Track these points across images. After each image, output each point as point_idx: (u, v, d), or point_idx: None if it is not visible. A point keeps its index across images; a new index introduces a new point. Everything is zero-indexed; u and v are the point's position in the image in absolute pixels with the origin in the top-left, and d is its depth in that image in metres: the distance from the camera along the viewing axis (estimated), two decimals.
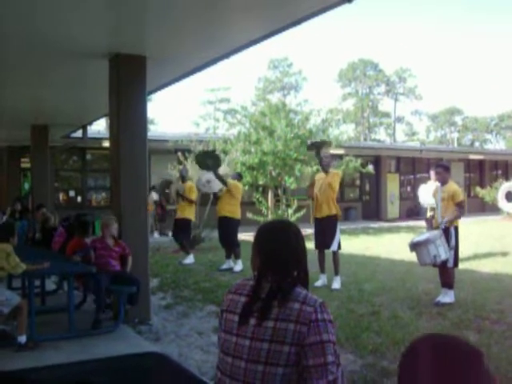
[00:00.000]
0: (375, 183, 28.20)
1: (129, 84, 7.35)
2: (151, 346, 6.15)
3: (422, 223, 14.95)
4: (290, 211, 16.87)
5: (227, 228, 11.43)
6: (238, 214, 11.55)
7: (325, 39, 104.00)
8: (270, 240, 2.39)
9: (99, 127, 26.78)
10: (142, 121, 7.50)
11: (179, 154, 16.24)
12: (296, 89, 63.11)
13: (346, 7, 5.64)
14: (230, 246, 11.50)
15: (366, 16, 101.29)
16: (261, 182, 17.61)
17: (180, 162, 15.74)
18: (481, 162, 33.41)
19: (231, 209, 11.41)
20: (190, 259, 12.28)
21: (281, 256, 2.33)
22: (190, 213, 12.49)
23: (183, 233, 12.53)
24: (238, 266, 11.18)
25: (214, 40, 7.00)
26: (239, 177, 12.19)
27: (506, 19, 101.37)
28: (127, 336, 6.58)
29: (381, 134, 74.02)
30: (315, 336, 2.14)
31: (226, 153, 16.75)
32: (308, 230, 10.00)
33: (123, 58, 7.29)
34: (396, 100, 73.21)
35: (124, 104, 7.33)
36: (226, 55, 7.61)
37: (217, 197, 11.84)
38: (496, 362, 5.08)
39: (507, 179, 27.55)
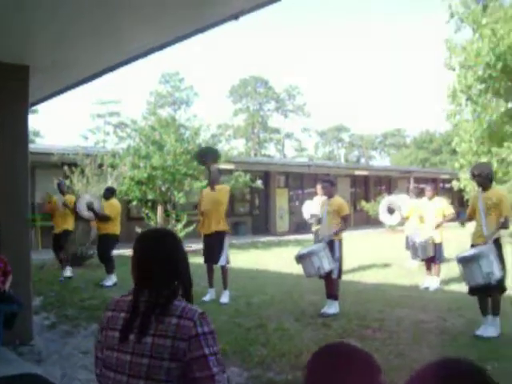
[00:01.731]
0: (265, 198, 28.58)
1: (9, 94, 7.04)
2: (33, 367, 5.91)
3: (311, 237, 15.30)
4: (180, 226, 16.77)
5: (105, 244, 11.34)
6: (116, 231, 11.46)
7: (218, 55, 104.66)
8: (147, 250, 2.34)
9: None
10: (23, 133, 7.21)
11: (65, 167, 15.71)
12: (187, 104, 63.06)
13: (234, 24, 5.70)
14: (104, 260, 11.39)
15: (258, 33, 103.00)
16: (150, 197, 17.39)
17: (67, 177, 15.23)
18: (366, 178, 34.70)
19: (109, 226, 11.33)
20: (69, 272, 11.97)
21: (158, 267, 2.28)
22: (69, 224, 12.20)
23: (63, 246, 12.24)
24: (110, 281, 11.04)
25: (106, 50, 6.86)
26: (110, 193, 11.83)
27: (387, 41, 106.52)
28: (7, 358, 6.26)
29: (271, 150, 75.23)
30: (197, 351, 2.13)
31: (114, 167, 16.43)
32: (198, 245, 10.00)
33: (2, 67, 6.99)
34: (286, 116, 74.74)
35: (3, 115, 7.03)
36: (118, 65, 7.48)
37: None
38: None
39: (390, 194, 28.81)
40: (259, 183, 21.16)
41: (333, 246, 8.17)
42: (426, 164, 62.77)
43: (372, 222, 29.02)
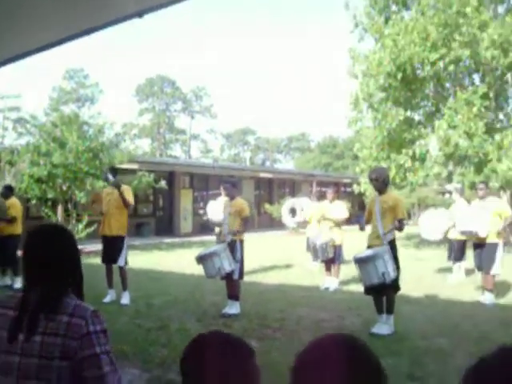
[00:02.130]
0: (169, 199, 28.36)
1: None
2: None
3: (214, 238, 15.36)
4: (81, 226, 16.38)
5: (10, 246, 10.79)
6: (19, 231, 10.96)
7: (123, 53, 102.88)
8: (37, 246, 2.26)
9: None
10: None
11: None
12: (92, 101, 61.67)
13: (139, 21, 5.62)
14: (10, 263, 10.88)
15: (165, 32, 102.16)
16: (50, 196, 16.84)
17: None
18: (270, 180, 35.13)
19: (13, 227, 10.80)
20: None
21: (49, 262, 2.20)
22: None
23: None
24: (18, 283, 10.61)
25: (5, 42, 6.60)
26: (10, 192, 11.22)
27: (294, 45, 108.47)
28: None
29: (176, 151, 74.88)
30: (89, 349, 2.07)
31: (12, 164, 15.83)
32: (99, 246, 9.83)
33: None
34: (192, 118, 74.61)
35: None
36: (15, 58, 7.20)
37: None
38: (275, 366, 5.33)
39: (294, 197, 29.33)
40: (163, 183, 20.99)
41: (234, 246, 8.23)
42: (329, 168, 64.34)
43: (276, 224, 29.42)
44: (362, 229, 7.76)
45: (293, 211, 13.35)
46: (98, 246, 10.23)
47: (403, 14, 19.64)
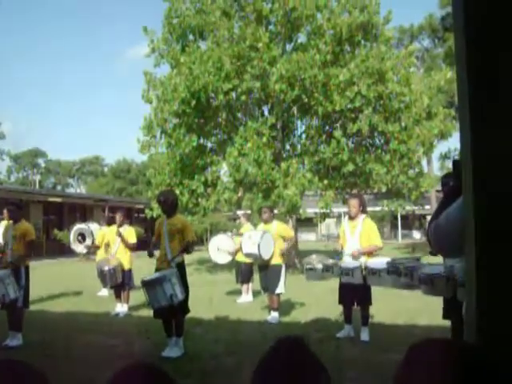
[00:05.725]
0: None
1: None
2: None
3: None
4: None
5: None
6: None
7: None
8: None
9: None
10: None
11: None
12: None
13: None
14: None
15: None
16: None
17: None
18: (60, 205, 33.84)
19: None
20: None
21: None
22: None
23: None
24: None
25: None
26: None
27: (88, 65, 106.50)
28: None
29: None
30: None
31: None
32: None
33: None
34: None
35: None
36: None
37: None
38: None
39: (85, 222, 28.39)
40: None
41: (18, 273, 7.78)
42: (122, 193, 63.61)
43: (66, 250, 28.22)
44: (150, 255, 7.73)
45: (82, 236, 12.89)
46: None
47: (199, 43, 20.14)
